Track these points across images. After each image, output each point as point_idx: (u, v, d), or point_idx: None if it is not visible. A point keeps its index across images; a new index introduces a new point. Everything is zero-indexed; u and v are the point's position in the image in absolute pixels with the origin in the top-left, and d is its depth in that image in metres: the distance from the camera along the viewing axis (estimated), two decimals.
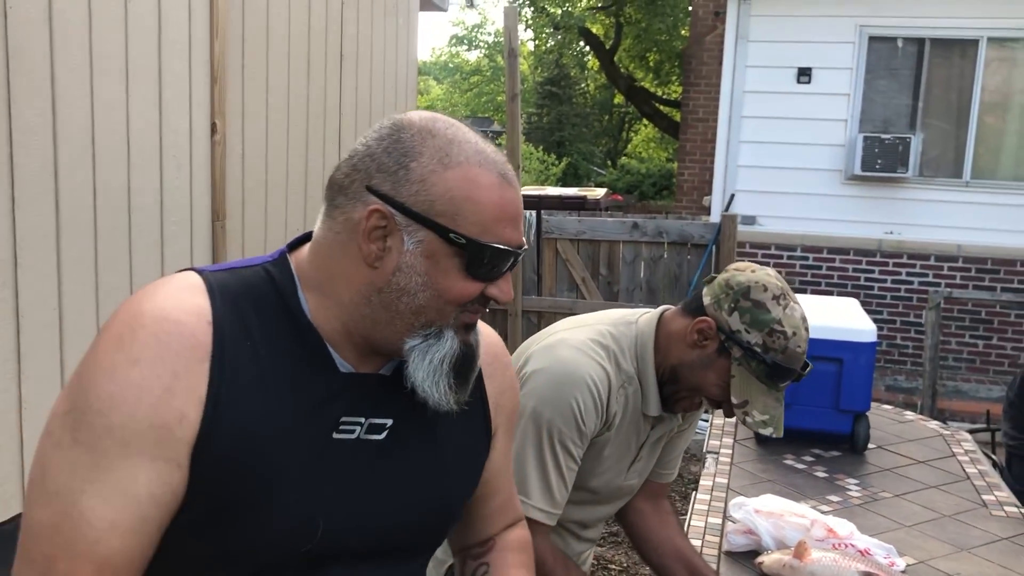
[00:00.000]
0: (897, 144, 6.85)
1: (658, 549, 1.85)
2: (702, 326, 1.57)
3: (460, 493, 1.13)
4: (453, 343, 0.99)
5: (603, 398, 1.57)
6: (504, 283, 1.00)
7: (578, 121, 26.45)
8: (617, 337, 1.65)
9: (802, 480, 2.66)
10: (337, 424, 0.98)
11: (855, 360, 2.81)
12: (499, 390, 1.19)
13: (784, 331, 1.52)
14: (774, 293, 1.55)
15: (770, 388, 1.56)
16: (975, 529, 2.34)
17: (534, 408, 1.55)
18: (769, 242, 7.33)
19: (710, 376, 1.58)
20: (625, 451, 1.70)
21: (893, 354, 7.23)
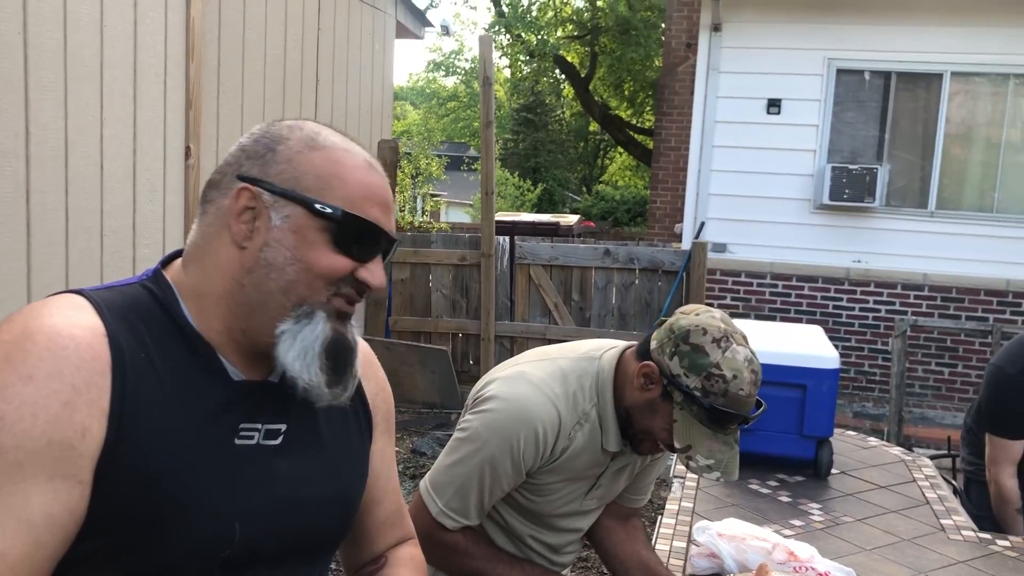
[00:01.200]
0: (864, 174, 6.97)
1: (624, 563, 1.88)
2: (647, 370, 1.58)
3: (356, 492, 1.14)
4: (324, 326, 0.98)
5: (548, 441, 1.60)
6: (376, 267, 1.00)
7: (553, 148, 26.64)
8: (579, 374, 1.66)
9: (766, 504, 2.70)
10: (237, 431, 0.98)
11: (818, 387, 2.86)
12: (374, 391, 1.20)
13: (723, 375, 1.51)
14: (714, 336, 1.54)
15: (715, 432, 1.54)
16: (933, 553, 2.39)
17: (479, 431, 1.60)
18: (739, 269, 7.42)
19: (657, 420, 1.58)
20: (581, 480, 1.72)
21: (861, 381, 7.32)
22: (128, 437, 0.89)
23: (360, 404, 1.17)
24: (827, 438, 2.91)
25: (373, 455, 1.19)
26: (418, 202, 15.38)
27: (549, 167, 25.87)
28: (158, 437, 0.91)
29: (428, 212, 16.79)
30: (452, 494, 1.63)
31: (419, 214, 13.82)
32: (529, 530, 1.76)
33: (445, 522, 1.64)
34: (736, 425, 1.56)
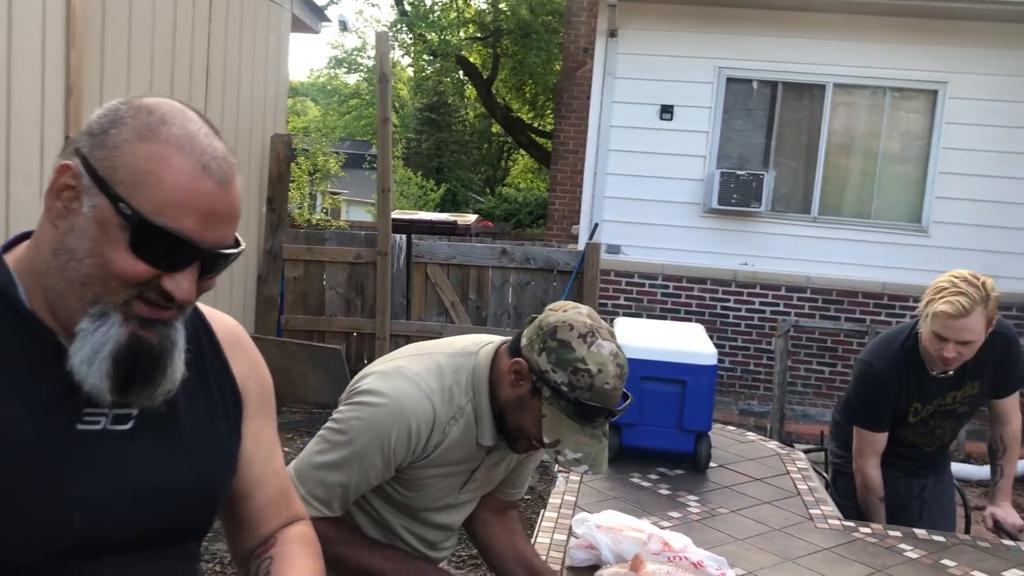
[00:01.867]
0: (751, 180, 7.23)
1: (501, 555, 1.90)
2: (517, 367, 1.61)
3: (219, 477, 1.12)
4: (119, 330, 0.94)
5: (421, 436, 1.61)
6: (184, 280, 0.95)
7: (457, 148, 26.65)
8: (456, 369, 1.68)
9: (646, 497, 2.78)
10: (80, 416, 0.96)
11: (697, 382, 2.96)
12: (244, 373, 1.18)
13: (588, 369, 1.54)
14: (580, 332, 1.57)
15: (582, 426, 1.58)
16: (801, 541, 2.50)
17: (351, 424, 1.60)
18: (632, 271, 7.59)
19: (527, 416, 1.62)
20: (455, 475, 1.74)
21: (747, 380, 7.58)
22: None
23: (228, 387, 1.15)
24: (706, 432, 3.01)
25: (247, 438, 1.17)
26: (317, 200, 15.17)
27: (452, 168, 25.87)
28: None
29: (327, 210, 16.57)
30: (316, 483, 1.62)
31: (318, 212, 13.62)
32: (402, 522, 1.77)
33: (312, 513, 1.62)
34: (603, 418, 1.60)
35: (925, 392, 2.82)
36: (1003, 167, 7.14)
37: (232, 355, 1.17)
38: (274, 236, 6.08)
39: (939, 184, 7.24)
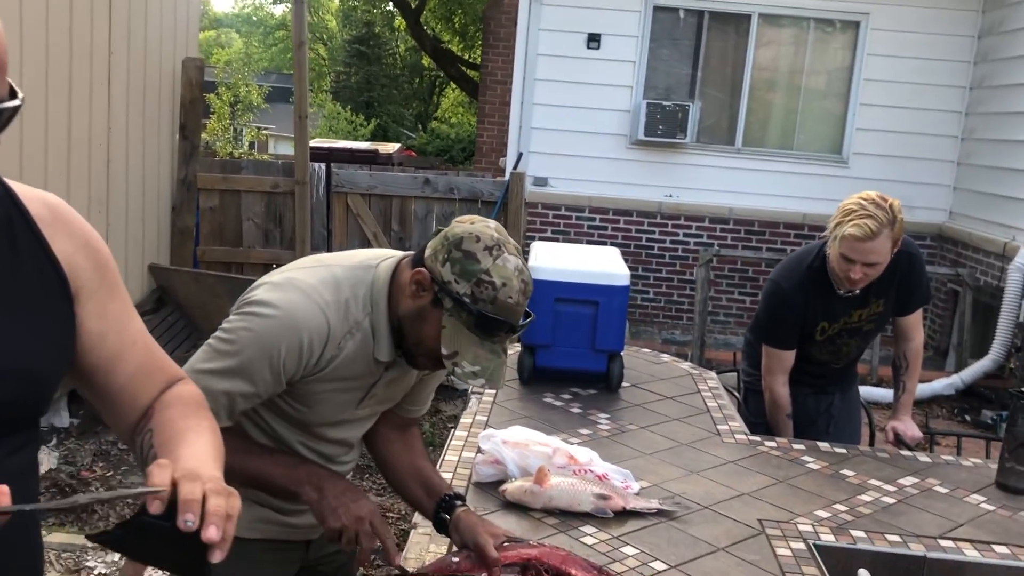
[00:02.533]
0: (677, 111, 7.22)
1: (399, 471, 1.88)
2: (419, 277, 1.56)
3: (41, 363, 1.05)
4: None
5: (313, 350, 1.56)
6: None
7: (388, 82, 26.08)
8: (354, 283, 1.62)
9: (558, 416, 2.79)
10: None
11: (609, 303, 2.96)
12: (70, 250, 1.11)
13: (492, 281, 1.52)
14: (486, 244, 1.54)
15: (482, 340, 1.55)
16: (707, 455, 2.54)
17: (240, 335, 1.54)
18: (559, 203, 7.56)
19: (426, 328, 1.58)
20: (352, 391, 1.70)
21: (671, 310, 7.68)
22: None
23: (51, 270, 1.08)
24: (618, 352, 3.03)
25: (90, 318, 1.11)
26: (242, 133, 14.75)
27: (383, 102, 25.34)
28: None
29: (254, 143, 16.10)
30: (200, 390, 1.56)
31: (242, 145, 13.25)
32: (297, 437, 1.73)
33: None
34: (504, 334, 1.57)
35: (832, 311, 2.86)
36: (921, 99, 7.26)
37: (52, 234, 1.09)
38: (188, 165, 5.88)
39: (860, 116, 7.34)
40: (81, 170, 5.10)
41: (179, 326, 5.89)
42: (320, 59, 27.90)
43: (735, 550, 1.96)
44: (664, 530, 2.04)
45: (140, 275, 5.90)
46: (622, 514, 2.08)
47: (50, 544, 3.44)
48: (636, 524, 2.05)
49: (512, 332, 1.58)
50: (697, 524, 2.08)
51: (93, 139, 5.17)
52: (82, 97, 5.03)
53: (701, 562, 1.90)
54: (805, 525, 2.11)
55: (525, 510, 2.07)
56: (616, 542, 1.96)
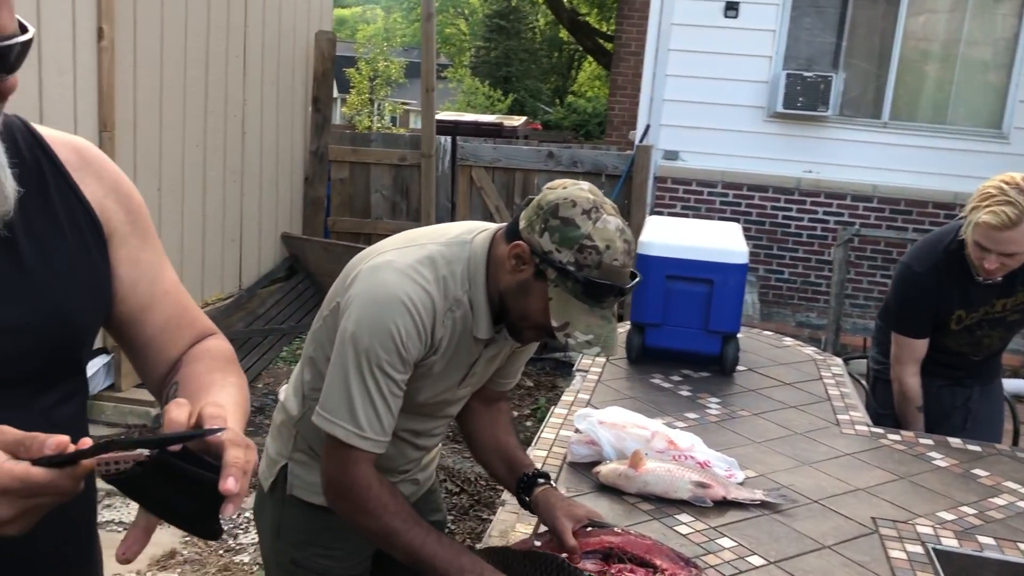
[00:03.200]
0: (819, 82, 6.84)
1: (483, 445, 1.84)
2: (517, 251, 1.50)
3: (76, 311, 1.04)
4: None
5: (426, 324, 1.51)
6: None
7: (526, 57, 26.06)
8: (449, 259, 1.57)
9: (664, 398, 2.68)
10: None
11: (725, 282, 2.82)
12: (100, 194, 1.09)
13: (595, 245, 1.45)
14: (584, 208, 1.47)
15: (592, 307, 1.49)
16: (822, 446, 2.39)
17: (354, 333, 1.49)
18: (690, 178, 7.32)
19: (532, 302, 1.52)
20: (455, 370, 1.65)
21: (807, 292, 7.34)
22: None
23: (82, 213, 1.06)
24: (733, 334, 2.88)
25: (122, 264, 1.09)
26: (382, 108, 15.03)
27: (521, 77, 25.35)
28: None
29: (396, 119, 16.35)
30: (357, 411, 1.50)
31: (381, 119, 13.49)
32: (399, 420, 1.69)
33: (363, 445, 1.51)
34: (613, 297, 1.51)
35: (969, 299, 2.63)
36: None
37: (81, 178, 1.07)
38: (319, 137, 6.01)
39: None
40: (217, 140, 5.29)
41: (308, 293, 6.07)
42: (460, 34, 28.17)
43: (843, 549, 1.82)
44: (766, 523, 1.92)
45: (273, 243, 6.10)
46: (722, 504, 1.97)
47: None
48: (736, 515, 1.94)
49: (621, 295, 1.52)
50: (803, 519, 1.95)
51: (229, 111, 5.35)
52: (218, 70, 5.20)
53: (803, 559, 1.77)
54: (925, 527, 1.94)
55: (619, 494, 1.99)
56: (712, 532, 1.86)
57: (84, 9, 4.00)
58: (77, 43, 3.99)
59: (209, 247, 5.39)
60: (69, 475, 0.82)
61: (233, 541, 3.40)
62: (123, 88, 4.30)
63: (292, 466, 1.74)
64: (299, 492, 1.74)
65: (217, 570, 3.20)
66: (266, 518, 1.81)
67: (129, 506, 3.53)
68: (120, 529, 3.39)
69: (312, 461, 1.70)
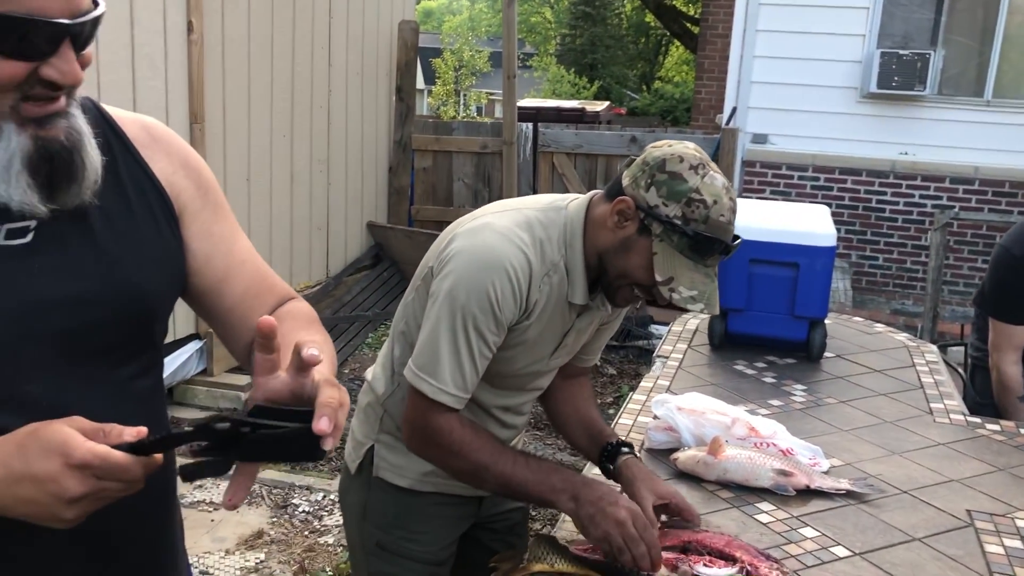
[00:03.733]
0: (916, 60, 6.57)
1: (565, 418, 1.84)
2: (621, 207, 1.50)
3: (149, 285, 1.05)
4: (19, 138, 0.90)
5: (522, 287, 1.52)
6: (62, 62, 0.89)
7: (612, 43, 25.83)
8: (545, 224, 1.57)
9: (748, 385, 2.61)
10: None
11: (811, 265, 2.72)
12: (169, 170, 1.10)
13: (703, 199, 1.45)
14: (691, 163, 1.46)
15: (696, 263, 1.49)
16: (914, 435, 2.29)
17: (450, 290, 1.50)
18: (780, 161, 7.14)
19: (634, 258, 1.51)
20: (549, 339, 1.64)
21: (902, 278, 7.07)
22: None
23: (151, 189, 1.08)
24: (820, 319, 2.79)
25: (195, 238, 1.11)
26: (466, 98, 15.14)
27: (607, 63, 25.14)
28: None
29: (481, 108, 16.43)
30: (443, 367, 1.52)
31: (466, 109, 13.60)
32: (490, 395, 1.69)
33: (445, 400, 1.53)
34: (718, 255, 1.50)
35: None
36: None
37: (150, 155, 1.09)
38: (403, 127, 6.06)
39: None
40: (303, 130, 5.39)
41: (393, 281, 6.14)
42: (546, 22, 28.09)
43: (934, 542, 1.74)
44: (852, 513, 1.84)
45: (359, 232, 6.19)
46: (805, 493, 1.91)
47: (262, 480, 3.69)
48: (820, 504, 1.87)
49: (726, 253, 1.51)
50: (892, 510, 1.87)
51: (315, 101, 5.44)
52: (304, 60, 5.30)
53: (891, 551, 1.70)
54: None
55: (697, 481, 1.95)
56: (795, 522, 1.80)
57: (174, 3, 4.11)
58: (168, 37, 4.11)
59: (297, 236, 5.50)
60: (143, 463, 0.84)
61: (318, 523, 3.47)
62: (212, 80, 4.42)
63: (378, 448, 1.75)
64: (385, 474, 1.74)
65: (302, 550, 3.27)
66: (352, 500, 1.82)
67: (219, 487, 3.64)
68: (211, 508, 3.49)
69: (398, 443, 1.70)
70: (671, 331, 3.09)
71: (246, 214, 4.90)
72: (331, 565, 3.18)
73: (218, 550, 3.22)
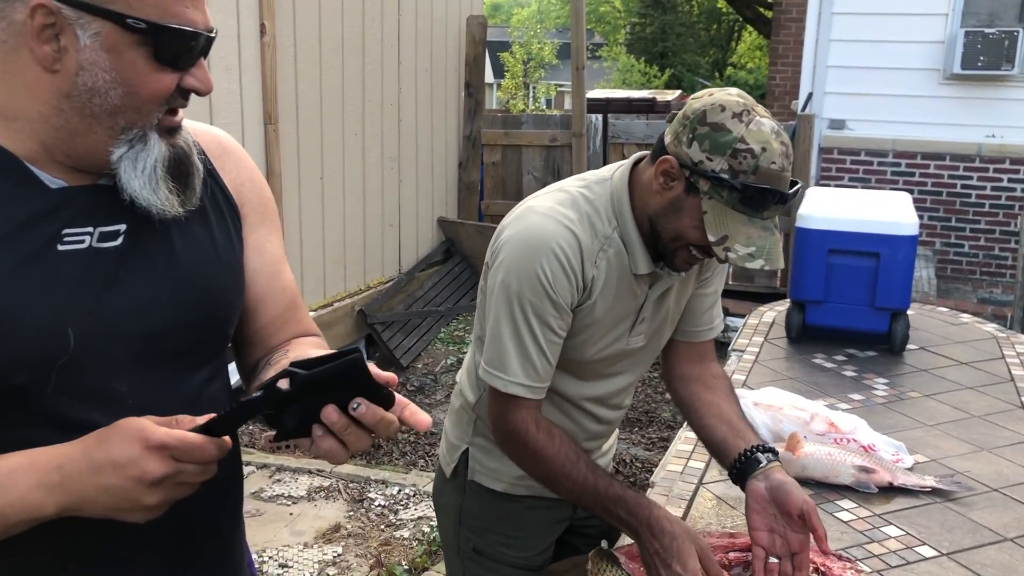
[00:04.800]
0: (1003, 39, 6.31)
1: (700, 414, 1.68)
2: (664, 167, 1.41)
3: (225, 290, 1.09)
4: (160, 146, 0.95)
5: (573, 265, 1.46)
6: (200, 71, 0.95)
7: (683, 31, 25.46)
8: (591, 199, 1.51)
9: (827, 379, 2.54)
10: (60, 237, 0.94)
11: (893, 255, 2.64)
12: (237, 182, 1.14)
13: (751, 148, 1.35)
14: (734, 111, 1.37)
15: (751, 216, 1.39)
16: (1004, 430, 2.20)
17: (503, 280, 1.46)
18: (859, 147, 6.94)
19: (684, 219, 1.43)
20: (622, 315, 1.57)
21: (990, 266, 6.81)
22: None
23: (222, 198, 1.11)
24: (903, 310, 2.70)
25: (249, 249, 1.13)
26: (536, 91, 15.12)
27: (678, 51, 24.79)
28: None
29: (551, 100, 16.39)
30: (510, 359, 1.49)
31: (535, 102, 13.57)
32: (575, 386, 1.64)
33: (517, 392, 1.49)
34: (774, 204, 1.40)
35: None
36: None
37: (221, 165, 1.12)
38: (472, 122, 6.08)
39: None
40: (374, 128, 5.44)
41: (465, 276, 6.17)
42: (615, 11, 27.85)
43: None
44: (938, 512, 1.78)
45: (430, 228, 6.24)
46: (888, 490, 1.85)
47: (339, 473, 3.75)
48: (904, 502, 1.81)
49: (783, 202, 1.41)
50: (981, 508, 1.80)
51: (385, 99, 5.49)
52: (374, 59, 5.35)
53: (981, 552, 1.63)
54: None
55: None
56: (877, 520, 1.74)
57: (247, 6, 4.19)
58: (242, 40, 4.19)
59: (370, 232, 5.56)
60: (217, 444, 0.87)
61: (394, 516, 3.51)
62: (285, 81, 4.49)
63: (473, 451, 1.72)
64: (480, 478, 1.71)
65: (378, 544, 3.30)
66: (446, 503, 1.79)
67: (297, 481, 3.71)
68: (289, 503, 3.56)
69: (492, 446, 1.66)
70: (747, 324, 3.03)
71: (320, 213, 4.98)
72: (407, 559, 3.21)
73: (297, 543, 3.27)
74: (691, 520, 1.73)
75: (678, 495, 1.84)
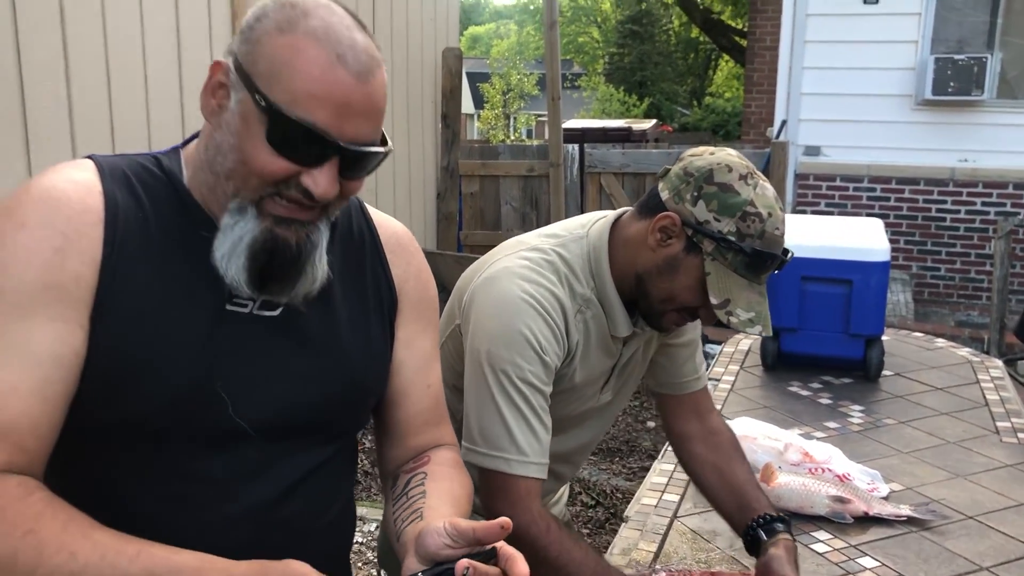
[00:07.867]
0: (972, 65, 6.41)
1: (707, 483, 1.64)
2: (664, 223, 1.37)
3: (368, 371, 1.12)
4: (255, 224, 0.96)
5: (559, 325, 1.40)
6: (322, 176, 0.94)
7: (661, 60, 25.76)
8: (567, 258, 1.45)
9: (803, 407, 2.54)
10: (230, 296, 0.99)
11: (865, 281, 2.65)
12: (403, 278, 1.17)
13: (759, 212, 1.33)
14: (740, 173, 1.35)
15: (751, 281, 1.37)
16: (980, 456, 2.19)
17: (488, 351, 1.37)
18: (834, 173, 7.01)
19: (681, 279, 1.39)
20: (598, 376, 1.53)
21: (966, 288, 6.86)
22: (117, 289, 0.93)
23: (386, 287, 1.15)
24: (877, 336, 2.70)
25: (399, 342, 1.16)
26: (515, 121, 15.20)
27: (656, 80, 25.05)
28: (145, 293, 0.95)
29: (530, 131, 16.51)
30: (512, 435, 1.38)
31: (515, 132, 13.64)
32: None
33: (530, 472, 1.38)
34: (769, 271, 1.39)
35: None
36: None
37: (393, 258, 1.17)
38: (450, 153, 6.09)
39: None
40: None
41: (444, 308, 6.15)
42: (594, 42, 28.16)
43: (1003, 571, 1.66)
44: (914, 541, 1.77)
45: None
46: (864, 520, 1.84)
47: None
48: (880, 532, 1.80)
49: (779, 268, 1.40)
50: (957, 537, 1.79)
51: None
52: None
53: None
54: None
55: None
56: (853, 551, 1.73)
57: (220, 39, 4.19)
58: None
59: None
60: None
61: (371, 554, 3.46)
62: None
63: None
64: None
65: None
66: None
67: None
68: None
69: None
70: (722, 352, 3.02)
71: None
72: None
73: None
74: (665, 555, 1.71)
75: (652, 529, 1.82)
